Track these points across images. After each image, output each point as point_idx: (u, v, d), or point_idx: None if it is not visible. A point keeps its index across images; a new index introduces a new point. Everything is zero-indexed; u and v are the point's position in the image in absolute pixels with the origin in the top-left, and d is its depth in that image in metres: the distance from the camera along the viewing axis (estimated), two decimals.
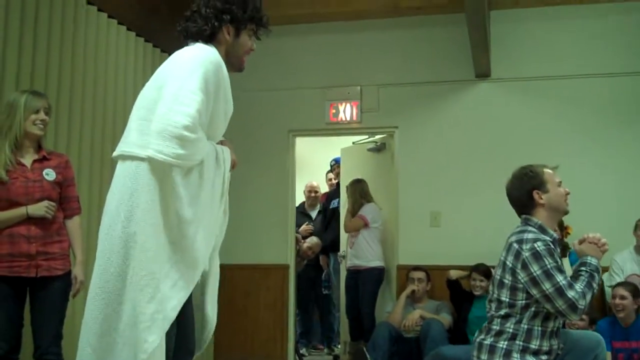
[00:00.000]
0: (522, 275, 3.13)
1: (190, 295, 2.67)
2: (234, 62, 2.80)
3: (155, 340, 2.45)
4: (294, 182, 7.03)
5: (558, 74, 6.34)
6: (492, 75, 6.49)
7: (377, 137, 7.11)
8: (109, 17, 5.06)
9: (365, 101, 6.72)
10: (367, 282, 6.41)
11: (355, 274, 6.53)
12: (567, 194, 3.37)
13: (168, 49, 5.78)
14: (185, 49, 2.67)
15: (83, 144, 4.65)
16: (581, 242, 3.37)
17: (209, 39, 2.70)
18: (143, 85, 5.13)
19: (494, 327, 3.23)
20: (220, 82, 2.61)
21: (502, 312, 3.22)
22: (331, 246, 7.35)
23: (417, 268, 6.09)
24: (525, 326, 3.17)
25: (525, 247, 3.15)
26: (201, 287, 2.80)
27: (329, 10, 6.45)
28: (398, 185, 6.62)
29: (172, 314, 2.51)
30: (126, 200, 2.50)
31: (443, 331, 5.63)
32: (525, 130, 6.32)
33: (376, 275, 6.45)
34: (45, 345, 3.56)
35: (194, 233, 2.56)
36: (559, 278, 3.08)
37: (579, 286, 3.11)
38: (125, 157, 2.58)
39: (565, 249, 5.68)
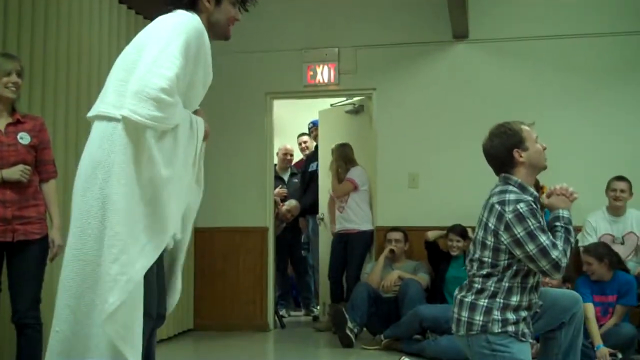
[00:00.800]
0: (505, 237, 3.15)
1: (162, 259, 2.68)
2: (217, 31, 2.79)
3: (114, 302, 2.43)
4: (272, 145, 7.02)
5: (536, 34, 6.34)
6: (470, 36, 6.47)
7: (355, 99, 7.10)
8: None
9: (342, 63, 6.69)
10: (357, 246, 6.43)
11: (344, 237, 6.53)
12: (544, 149, 3.35)
13: (146, 14, 5.71)
14: (168, 15, 2.64)
15: (58, 106, 4.57)
16: (549, 195, 3.37)
17: (189, 6, 2.67)
18: (120, 48, 5.07)
19: (475, 285, 3.25)
20: (201, 50, 2.60)
21: (484, 271, 3.23)
22: (310, 209, 7.36)
23: (395, 229, 6.14)
24: (506, 284, 3.19)
25: (508, 208, 3.14)
26: (172, 256, 2.81)
27: None
28: (376, 147, 6.63)
29: (137, 277, 2.49)
30: (103, 161, 2.50)
31: (421, 291, 5.70)
32: (503, 91, 6.33)
33: (366, 238, 6.48)
34: (24, 309, 3.56)
35: (167, 197, 2.55)
36: (542, 238, 3.09)
37: (559, 244, 3.14)
38: (101, 118, 2.58)
39: (541, 209, 5.74)
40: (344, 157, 6.61)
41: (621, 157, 6.03)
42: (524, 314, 3.21)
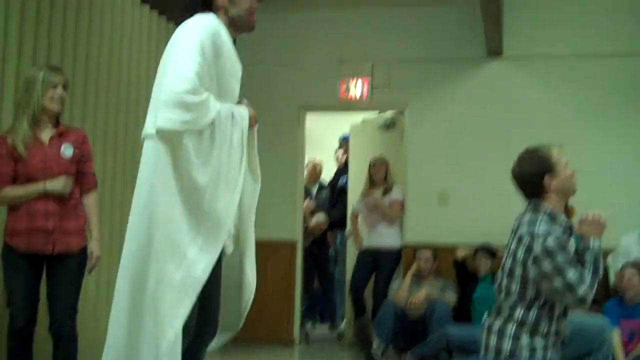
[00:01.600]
0: (532, 270, 3.13)
1: (218, 277, 2.73)
2: (239, 24, 2.81)
3: (187, 306, 2.52)
4: (304, 158, 7.05)
5: (572, 52, 6.31)
6: (504, 53, 6.46)
7: (388, 114, 7.10)
8: None
9: (376, 78, 6.71)
10: (386, 263, 6.37)
11: (373, 253, 6.46)
12: (574, 173, 3.27)
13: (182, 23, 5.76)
14: (184, 23, 2.69)
15: (97, 119, 4.65)
16: (581, 222, 3.29)
17: (206, 7, 2.73)
18: (156, 59, 5.13)
19: (504, 312, 3.23)
20: (220, 46, 2.65)
21: (512, 300, 3.21)
22: (339, 223, 7.36)
23: (424, 247, 6.12)
24: (534, 313, 3.17)
25: (537, 242, 3.09)
26: (239, 250, 2.89)
27: None
28: (407, 163, 6.63)
29: (203, 276, 2.57)
30: (149, 177, 2.57)
31: (448, 311, 5.68)
32: (537, 109, 6.30)
33: (396, 256, 6.44)
34: (61, 319, 3.59)
35: (212, 196, 2.60)
36: (570, 274, 3.06)
37: (587, 277, 3.09)
38: (146, 138, 2.64)
39: (570, 230, 5.71)
40: (388, 172, 6.56)
41: None
42: (552, 340, 3.20)
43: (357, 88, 6.72)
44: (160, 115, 2.50)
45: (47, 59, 4.12)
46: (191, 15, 2.71)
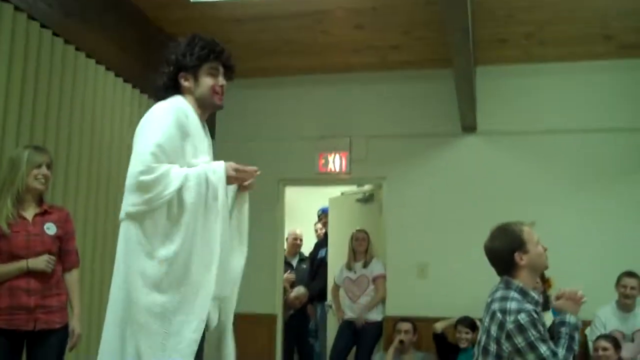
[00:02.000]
0: (506, 345, 3.16)
1: (200, 350, 2.73)
2: (205, 103, 2.89)
3: None
4: (283, 231, 7.10)
5: (543, 128, 6.49)
6: (478, 129, 6.63)
7: (366, 187, 7.21)
8: (107, 69, 5.14)
9: (354, 152, 6.84)
10: (368, 336, 6.40)
11: (355, 325, 6.49)
12: (545, 250, 3.34)
13: (154, 95, 5.87)
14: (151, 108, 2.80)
15: (79, 197, 4.69)
16: (559, 297, 3.37)
17: (175, 91, 2.85)
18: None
19: None
20: (185, 124, 2.73)
21: None
22: (319, 295, 7.37)
23: (404, 319, 6.14)
24: None
25: (509, 318, 3.12)
26: (220, 323, 2.88)
27: (320, 63, 6.60)
28: (386, 236, 6.71)
29: (195, 336, 2.60)
30: (120, 259, 2.67)
31: None
32: (511, 182, 6.45)
33: (377, 328, 6.47)
34: None
35: (185, 264, 2.63)
36: (543, 349, 3.09)
37: (561, 353, 3.12)
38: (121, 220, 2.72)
39: (546, 302, 5.77)
40: (369, 245, 6.66)
41: (631, 253, 6.05)
42: None
43: (335, 162, 6.85)
44: (125, 201, 2.62)
45: (31, 138, 4.18)
46: (163, 99, 2.84)
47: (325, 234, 7.62)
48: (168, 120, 2.67)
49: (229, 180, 2.79)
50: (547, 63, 6.52)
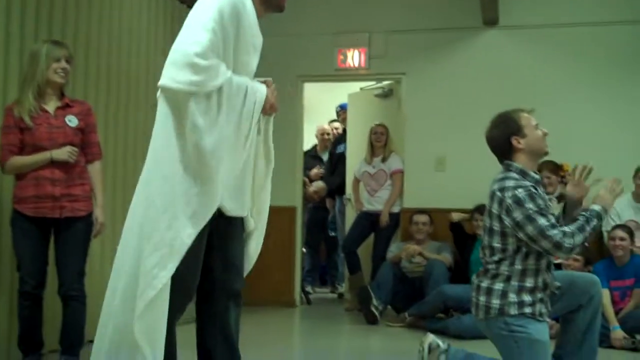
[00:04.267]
0: (507, 221, 3.27)
1: (240, 232, 2.85)
2: (270, 2, 2.87)
3: (170, 268, 2.54)
4: (302, 127, 7.17)
5: (567, 21, 6.38)
6: (500, 22, 6.54)
7: (385, 83, 7.22)
8: None
9: (373, 47, 6.81)
10: (385, 226, 6.52)
11: (371, 217, 6.61)
12: (545, 134, 3.40)
13: (189, 2, 5.87)
14: None
15: (100, 92, 4.78)
16: (569, 182, 3.46)
17: None
18: (159, 38, 5.22)
19: (490, 271, 3.34)
20: (242, 15, 2.67)
21: (496, 257, 3.31)
22: (337, 190, 7.52)
23: (420, 211, 6.27)
24: (519, 267, 3.27)
25: (507, 194, 3.23)
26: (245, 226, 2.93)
27: None
28: (404, 131, 6.76)
29: (188, 241, 2.58)
30: (157, 135, 2.66)
31: (445, 271, 5.83)
32: (531, 77, 6.41)
33: (394, 220, 6.59)
34: (69, 281, 3.76)
35: (216, 164, 2.61)
36: (541, 221, 3.17)
37: (568, 227, 3.20)
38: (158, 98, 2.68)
39: (562, 197, 5.85)
40: (388, 140, 6.73)
41: None
42: (540, 295, 3.30)
43: (354, 58, 6.83)
44: (166, 73, 2.55)
45: (49, 35, 4.23)
46: None
47: (344, 130, 7.68)
48: (226, 6, 2.61)
49: (264, 109, 2.82)
50: None
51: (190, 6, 2.77)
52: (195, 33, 2.55)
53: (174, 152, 2.58)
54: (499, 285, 3.28)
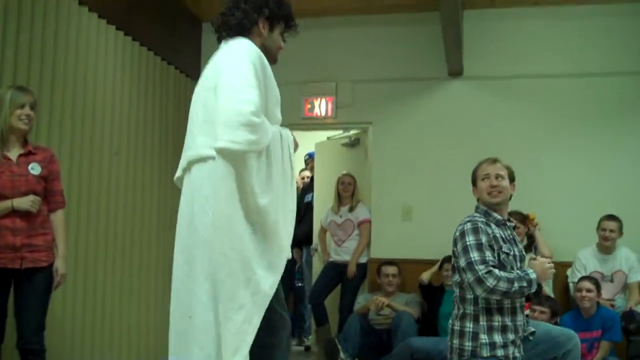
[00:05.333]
0: (456, 255, 3.38)
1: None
2: (269, 55, 2.93)
3: (257, 322, 2.62)
4: None
5: (529, 73, 6.49)
6: (464, 73, 6.63)
7: (352, 132, 7.23)
8: (90, 10, 5.08)
9: (340, 97, 6.83)
10: (353, 277, 6.46)
11: (339, 267, 6.56)
12: (491, 186, 3.52)
13: (147, 43, 5.84)
14: (225, 47, 2.82)
15: (63, 136, 4.69)
16: (534, 259, 3.57)
17: (246, 32, 2.86)
18: (122, 79, 5.17)
19: (460, 310, 3.41)
20: (266, 69, 2.76)
21: (459, 294, 3.42)
22: (304, 239, 7.45)
23: (389, 262, 6.21)
24: (482, 305, 3.33)
25: (458, 228, 3.41)
26: None
27: (306, 7, 6.52)
28: (371, 180, 6.75)
29: (271, 292, 2.68)
30: (210, 197, 2.64)
31: (413, 323, 5.76)
32: (496, 127, 6.47)
33: (362, 270, 6.54)
34: (29, 335, 3.62)
35: (274, 220, 2.70)
36: (474, 254, 3.27)
37: (500, 272, 3.26)
38: (196, 162, 2.72)
39: (531, 242, 5.89)
40: (356, 189, 6.72)
41: (612, 196, 6.15)
42: (512, 336, 3.32)
43: (321, 107, 6.84)
44: (224, 136, 2.56)
45: (14, 79, 4.16)
46: (227, 35, 2.88)
47: (312, 179, 7.66)
48: (256, 59, 2.69)
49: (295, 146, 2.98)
50: (535, 7, 6.50)
51: (143, 44, 2.79)
52: (242, 90, 2.57)
53: (240, 212, 2.62)
54: (469, 327, 3.34)
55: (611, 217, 5.73)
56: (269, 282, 2.66)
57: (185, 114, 6.61)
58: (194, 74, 6.92)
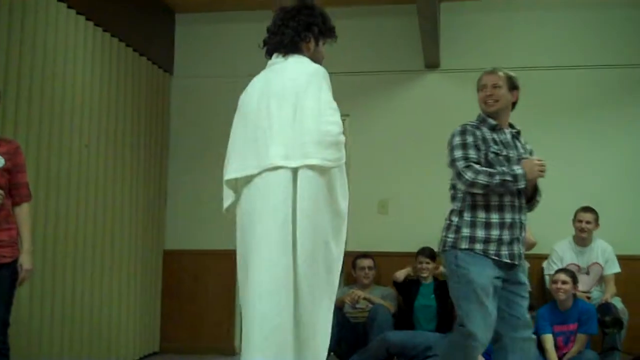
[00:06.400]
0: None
1: None
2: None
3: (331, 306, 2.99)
4: None
5: (505, 65, 6.39)
6: (441, 66, 6.60)
7: None
8: (59, 0, 4.98)
9: None
10: None
11: None
12: (487, 96, 3.77)
13: (119, 34, 5.74)
14: (292, 65, 3.07)
15: (31, 131, 4.59)
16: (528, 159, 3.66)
17: (297, 49, 3.13)
18: (92, 70, 5.05)
19: (451, 207, 3.62)
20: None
21: (451, 192, 3.61)
22: None
23: (364, 255, 6.17)
24: (468, 202, 3.50)
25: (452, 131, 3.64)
26: None
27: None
28: (348, 173, 6.66)
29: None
30: (294, 206, 2.88)
31: (389, 317, 5.73)
32: (472, 119, 6.42)
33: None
34: None
35: (345, 229, 3.07)
36: (457, 152, 3.50)
37: (482, 167, 3.44)
38: (273, 169, 2.89)
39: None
40: None
41: (589, 188, 6.16)
42: (496, 232, 3.43)
43: None
44: (317, 153, 2.83)
45: None
46: (284, 52, 3.15)
47: None
48: (329, 83, 3.03)
49: None
50: None
51: (114, 35, 2.73)
52: (329, 113, 2.89)
53: (328, 219, 2.95)
54: (454, 220, 3.53)
55: (587, 209, 5.72)
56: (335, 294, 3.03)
57: (158, 106, 6.56)
58: (167, 65, 6.84)
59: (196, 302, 6.64)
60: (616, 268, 5.67)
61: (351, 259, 6.26)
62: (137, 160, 6.01)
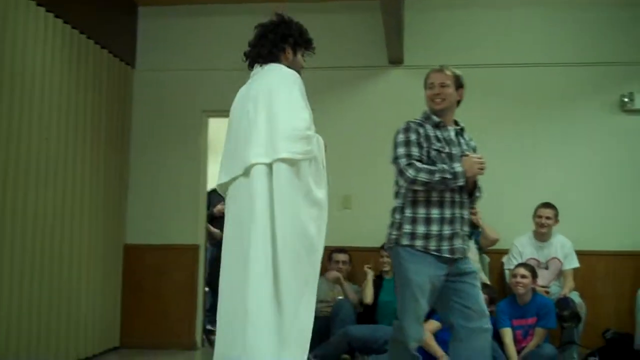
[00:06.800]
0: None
1: None
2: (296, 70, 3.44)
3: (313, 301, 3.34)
4: (206, 163, 7.02)
5: (468, 62, 6.49)
6: (405, 62, 6.63)
7: None
8: None
9: None
10: None
11: None
12: (434, 94, 3.79)
13: (80, 27, 5.66)
14: (268, 73, 3.32)
15: None
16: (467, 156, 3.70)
17: (275, 59, 3.39)
18: (53, 62, 4.98)
19: (394, 204, 3.65)
20: (303, 92, 3.29)
21: (395, 190, 3.66)
22: None
23: (340, 250, 6.16)
24: (409, 198, 3.56)
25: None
26: None
27: None
28: None
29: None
30: (287, 196, 3.08)
31: (352, 312, 5.75)
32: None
33: None
34: None
35: (325, 215, 3.21)
36: (399, 150, 3.57)
37: (423, 165, 3.50)
38: (254, 166, 3.11)
39: (475, 228, 5.93)
40: None
41: (549, 184, 6.25)
42: (436, 227, 3.50)
43: None
44: (285, 147, 3.06)
45: None
46: (262, 62, 3.39)
47: None
48: (300, 83, 3.30)
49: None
50: None
51: (75, 27, 2.71)
52: (297, 112, 3.16)
53: (304, 206, 3.11)
54: (397, 218, 3.59)
55: (547, 205, 5.80)
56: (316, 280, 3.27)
57: (120, 99, 6.48)
58: (129, 58, 6.77)
59: (157, 297, 6.59)
60: (575, 263, 5.75)
61: (327, 253, 6.26)
62: (98, 154, 5.93)
